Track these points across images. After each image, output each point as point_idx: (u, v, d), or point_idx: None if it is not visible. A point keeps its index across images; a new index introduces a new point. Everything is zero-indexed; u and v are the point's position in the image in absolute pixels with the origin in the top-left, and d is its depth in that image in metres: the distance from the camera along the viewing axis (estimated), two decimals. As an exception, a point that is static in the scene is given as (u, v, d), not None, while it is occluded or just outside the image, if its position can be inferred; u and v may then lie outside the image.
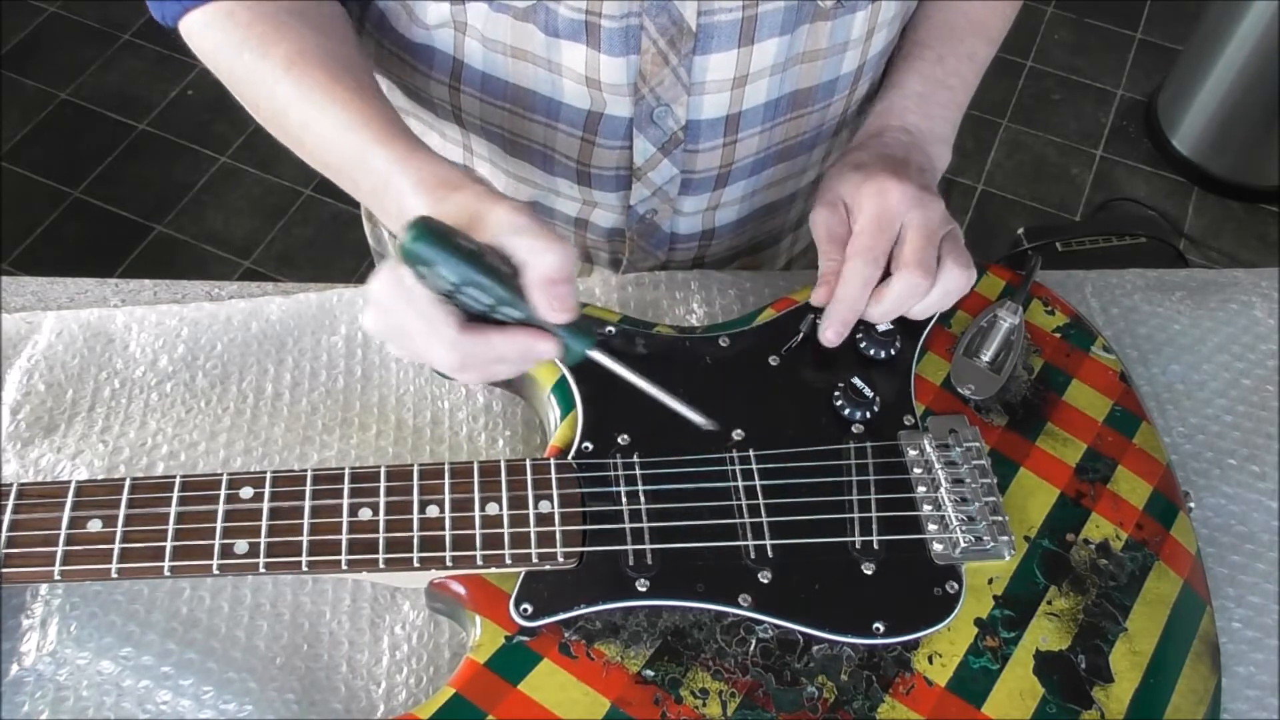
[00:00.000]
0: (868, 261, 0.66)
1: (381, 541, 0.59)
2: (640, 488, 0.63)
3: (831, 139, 0.83)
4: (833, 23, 0.70)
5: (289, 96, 0.64)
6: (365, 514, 0.60)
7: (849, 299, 0.67)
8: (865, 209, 0.67)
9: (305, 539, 0.59)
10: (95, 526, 0.59)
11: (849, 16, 0.70)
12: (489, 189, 0.59)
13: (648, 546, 0.61)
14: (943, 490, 0.64)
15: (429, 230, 0.54)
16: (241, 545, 0.59)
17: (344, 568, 0.59)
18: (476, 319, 0.57)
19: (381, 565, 0.59)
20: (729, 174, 0.79)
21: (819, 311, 0.69)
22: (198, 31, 0.68)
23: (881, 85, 0.79)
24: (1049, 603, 0.62)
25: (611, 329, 0.69)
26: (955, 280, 0.66)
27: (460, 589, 0.60)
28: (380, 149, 0.61)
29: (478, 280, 0.55)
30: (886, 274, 0.67)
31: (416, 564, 0.59)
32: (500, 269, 0.56)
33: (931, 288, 0.66)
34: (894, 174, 0.67)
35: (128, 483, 0.60)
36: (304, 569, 0.58)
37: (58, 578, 0.58)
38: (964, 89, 0.77)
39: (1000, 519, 0.63)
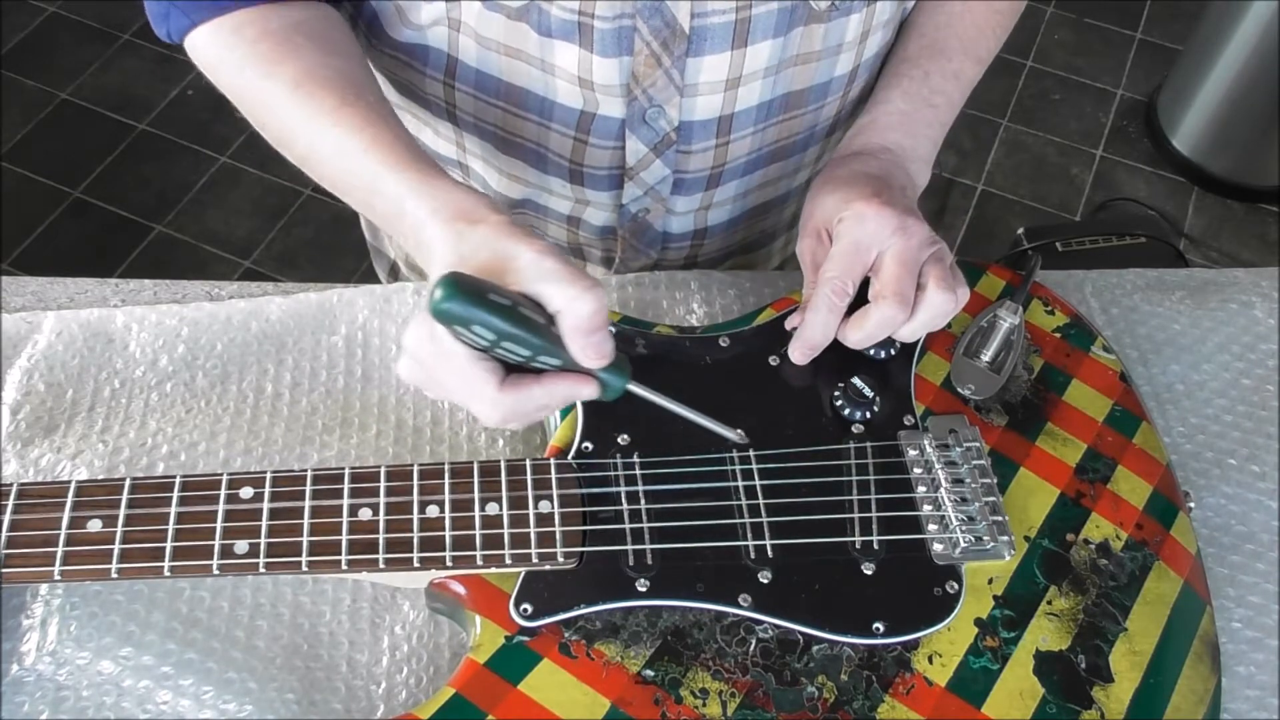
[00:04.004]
0: (835, 290, 0.65)
1: (381, 541, 0.59)
2: (640, 488, 0.63)
3: (825, 139, 0.83)
4: (827, 25, 0.70)
5: (295, 117, 0.64)
6: (365, 514, 0.60)
7: (816, 325, 0.66)
8: (841, 236, 0.66)
9: (305, 539, 0.59)
10: (95, 526, 0.59)
11: (843, 19, 0.70)
12: (509, 222, 0.58)
13: (648, 546, 0.61)
14: (943, 490, 0.64)
15: (461, 288, 0.51)
16: (241, 545, 0.59)
17: (344, 568, 0.59)
18: (514, 369, 0.57)
19: (381, 565, 0.59)
20: (721, 174, 0.79)
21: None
22: (201, 44, 0.68)
23: (866, 101, 0.78)
24: (1049, 603, 0.62)
25: (612, 328, 0.69)
26: (939, 306, 0.64)
27: (460, 589, 0.60)
28: (392, 174, 0.61)
29: (515, 334, 0.53)
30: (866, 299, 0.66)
31: (416, 564, 0.59)
32: (535, 320, 0.54)
33: (910, 317, 0.65)
34: (873, 198, 0.66)
35: (128, 483, 0.60)
36: (304, 569, 0.58)
37: (58, 578, 0.58)
38: (948, 108, 0.76)
39: (1000, 519, 0.63)
